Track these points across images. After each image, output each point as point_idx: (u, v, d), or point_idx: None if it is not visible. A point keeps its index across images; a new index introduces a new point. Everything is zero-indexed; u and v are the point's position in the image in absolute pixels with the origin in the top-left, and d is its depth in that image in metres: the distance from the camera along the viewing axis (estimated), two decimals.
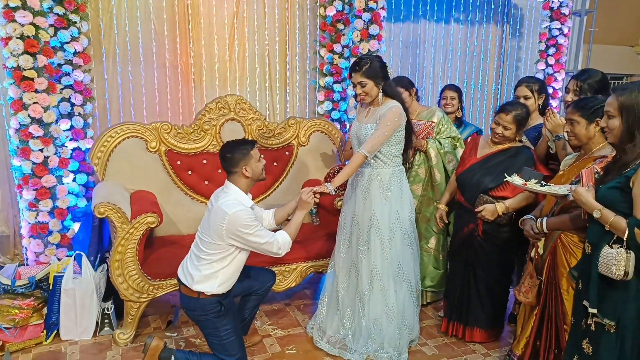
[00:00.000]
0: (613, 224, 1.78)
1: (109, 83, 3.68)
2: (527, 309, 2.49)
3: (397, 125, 2.58)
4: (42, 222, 3.21)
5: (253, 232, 2.29)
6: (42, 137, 3.12)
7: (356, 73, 2.57)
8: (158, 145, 3.23)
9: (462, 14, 4.73)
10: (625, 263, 1.74)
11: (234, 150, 2.36)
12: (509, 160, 2.69)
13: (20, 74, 3.00)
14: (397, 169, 2.69)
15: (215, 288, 2.33)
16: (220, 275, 2.34)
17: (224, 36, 3.93)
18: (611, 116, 1.85)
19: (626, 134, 1.81)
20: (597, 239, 1.87)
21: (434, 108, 3.31)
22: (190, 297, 2.36)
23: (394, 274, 2.70)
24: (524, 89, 2.98)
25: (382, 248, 2.66)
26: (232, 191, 2.37)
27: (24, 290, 2.89)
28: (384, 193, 2.66)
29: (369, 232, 2.67)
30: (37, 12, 3.00)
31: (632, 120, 1.79)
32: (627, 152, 1.82)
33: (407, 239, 2.73)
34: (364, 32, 3.91)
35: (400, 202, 2.70)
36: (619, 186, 1.81)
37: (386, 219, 2.66)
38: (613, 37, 6.11)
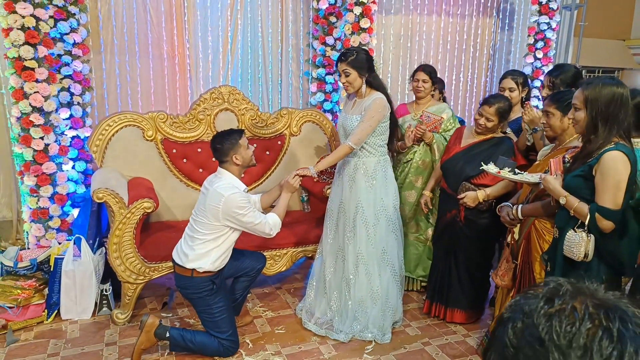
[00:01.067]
0: (577, 209, 1.92)
1: (107, 73, 3.78)
2: (504, 291, 2.62)
3: (382, 117, 2.69)
4: (43, 208, 3.34)
5: (247, 214, 2.44)
6: (42, 126, 3.23)
7: (342, 62, 2.68)
8: (154, 134, 3.35)
9: (453, 7, 4.81)
10: (586, 245, 1.88)
11: (224, 141, 2.50)
12: (490, 149, 2.81)
13: (21, 64, 3.11)
14: (382, 158, 2.81)
15: (208, 265, 2.48)
16: (213, 253, 2.49)
17: (218, 28, 4.03)
18: (577, 108, 1.96)
19: (590, 125, 1.92)
20: (563, 224, 2.01)
21: (444, 105, 3.40)
22: (184, 276, 2.51)
23: (378, 259, 2.82)
24: (510, 81, 3.09)
25: (367, 234, 2.79)
26: (225, 176, 2.51)
27: (26, 272, 3.02)
28: (369, 182, 2.78)
29: (354, 219, 2.79)
30: (37, 3, 3.10)
31: (595, 112, 1.89)
32: (591, 142, 1.93)
33: (392, 226, 2.86)
34: (355, 25, 4.01)
35: (385, 190, 2.82)
36: (582, 174, 1.94)
37: (371, 206, 2.78)
38: (604, 31, 6.18)
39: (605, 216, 1.85)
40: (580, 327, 0.57)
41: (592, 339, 0.56)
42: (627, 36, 6.54)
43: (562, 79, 2.77)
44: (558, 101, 2.33)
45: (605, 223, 1.85)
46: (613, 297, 0.61)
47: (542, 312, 0.60)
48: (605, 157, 1.85)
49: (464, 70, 5.00)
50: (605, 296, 0.61)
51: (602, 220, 1.85)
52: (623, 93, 1.87)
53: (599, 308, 0.59)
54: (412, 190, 3.32)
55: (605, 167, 1.85)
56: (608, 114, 1.87)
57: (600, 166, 1.87)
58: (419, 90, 3.30)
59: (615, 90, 1.87)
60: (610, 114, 1.87)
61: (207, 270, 2.49)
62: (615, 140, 1.88)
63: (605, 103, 1.87)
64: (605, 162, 1.85)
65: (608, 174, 1.84)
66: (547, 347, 0.57)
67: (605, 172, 1.85)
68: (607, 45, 6.31)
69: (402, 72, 4.79)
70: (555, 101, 2.35)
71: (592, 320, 0.57)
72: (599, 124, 1.89)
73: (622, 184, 1.85)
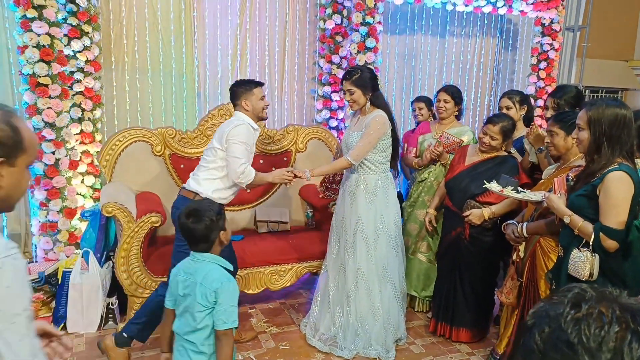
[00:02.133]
0: (581, 228, 1.94)
1: (117, 90, 3.86)
2: (509, 309, 2.63)
3: (381, 134, 2.73)
4: (52, 221, 3.38)
5: (237, 143, 2.53)
6: (54, 140, 3.29)
7: (346, 81, 2.74)
8: (163, 149, 3.40)
9: (457, 27, 4.90)
10: (590, 265, 1.89)
11: (239, 85, 2.67)
12: (495, 168, 2.84)
13: (35, 81, 3.18)
14: (382, 175, 2.84)
15: (210, 192, 2.56)
16: (217, 182, 2.60)
17: (227, 47, 4.12)
18: (581, 129, 1.98)
19: (594, 145, 1.94)
20: (567, 243, 2.02)
21: (466, 128, 3.41)
22: (185, 197, 2.60)
23: (379, 276, 2.83)
24: (506, 100, 3.17)
25: (367, 250, 2.81)
26: (241, 116, 2.66)
27: (34, 285, 3.05)
28: (370, 198, 2.81)
29: (354, 235, 2.82)
30: (53, 23, 3.19)
31: (599, 133, 1.92)
32: (594, 162, 1.95)
33: (392, 242, 2.87)
34: (361, 45, 4.09)
35: (386, 207, 2.84)
36: (586, 194, 1.96)
37: (371, 222, 2.81)
38: (607, 52, 6.25)
39: (609, 236, 1.86)
40: (609, 330, 0.58)
41: (622, 341, 0.58)
42: (630, 57, 6.61)
43: (565, 100, 2.82)
44: (562, 121, 2.37)
45: (609, 242, 1.87)
46: (636, 302, 0.63)
47: (569, 317, 0.61)
48: (608, 177, 1.87)
49: (467, 89, 5.06)
50: (628, 301, 0.63)
51: (606, 240, 1.87)
52: (626, 114, 1.90)
53: (625, 312, 0.60)
54: (424, 209, 3.31)
55: (608, 187, 1.87)
56: (611, 134, 1.89)
57: (604, 186, 1.89)
58: (441, 110, 3.32)
59: (619, 111, 1.89)
60: (614, 135, 1.89)
61: (208, 196, 2.55)
62: (619, 160, 1.90)
63: (609, 124, 1.89)
64: (609, 182, 1.87)
65: (612, 193, 1.86)
66: (577, 351, 0.58)
67: (609, 192, 1.87)
68: (610, 66, 6.37)
69: (406, 90, 4.86)
70: (559, 121, 2.39)
71: (620, 323, 0.59)
72: (603, 145, 1.91)
73: (626, 204, 1.86)
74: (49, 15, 3.16)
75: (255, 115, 2.68)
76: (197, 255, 1.90)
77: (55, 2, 3.22)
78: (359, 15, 4.06)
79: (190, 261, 1.91)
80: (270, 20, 4.22)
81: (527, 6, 4.57)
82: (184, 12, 3.94)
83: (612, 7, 6.03)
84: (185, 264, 1.93)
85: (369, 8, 4.05)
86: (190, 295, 1.85)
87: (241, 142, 2.54)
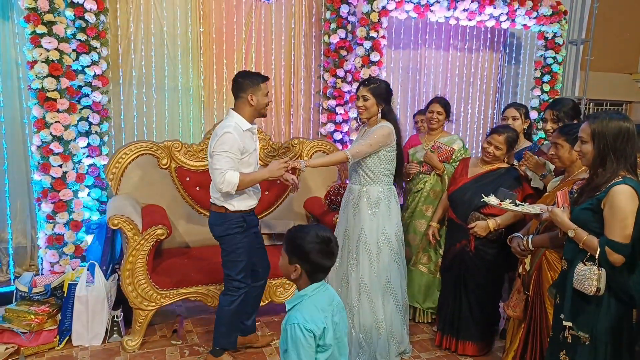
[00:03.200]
0: (586, 242, 1.92)
1: (124, 104, 3.91)
2: (516, 323, 2.61)
3: (384, 142, 2.75)
4: (58, 234, 3.40)
5: (218, 154, 2.49)
6: (61, 154, 3.32)
7: (364, 87, 2.78)
8: (169, 162, 3.43)
9: (461, 41, 4.94)
10: (597, 279, 1.86)
11: (247, 76, 2.62)
12: (498, 179, 2.85)
13: (44, 95, 3.23)
14: (386, 187, 2.85)
15: (235, 205, 2.60)
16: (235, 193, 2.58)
17: (232, 61, 4.17)
18: (584, 141, 1.98)
19: (598, 158, 1.94)
20: (572, 256, 2.01)
21: (455, 136, 3.48)
22: (219, 212, 2.62)
23: (381, 288, 2.82)
24: (513, 110, 3.19)
25: (370, 262, 2.81)
26: (232, 116, 2.62)
27: (40, 297, 3.06)
28: (372, 210, 2.82)
29: (357, 246, 2.83)
30: (62, 38, 3.24)
31: (603, 146, 1.91)
32: (598, 175, 1.95)
33: (394, 255, 2.87)
34: (365, 59, 4.13)
35: (388, 219, 2.85)
36: (591, 207, 1.95)
37: (374, 234, 2.81)
38: (611, 65, 6.28)
39: (615, 250, 1.85)
40: None
41: None
42: (634, 70, 6.63)
43: (565, 112, 2.87)
44: (567, 133, 2.37)
45: (615, 257, 1.86)
46: None
47: None
48: (613, 190, 1.86)
49: (471, 102, 5.08)
50: None
51: (612, 254, 1.85)
52: (629, 127, 1.90)
53: None
54: (423, 219, 3.35)
55: (613, 201, 1.86)
56: (616, 147, 1.89)
57: (609, 200, 1.88)
58: (433, 121, 3.39)
59: (622, 124, 1.90)
60: (618, 148, 1.89)
61: (237, 209, 2.61)
62: (623, 174, 1.90)
63: (613, 137, 1.89)
64: (614, 195, 1.86)
65: (617, 207, 1.85)
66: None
67: (614, 206, 1.86)
68: (614, 79, 6.39)
69: (410, 104, 4.89)
70: (564, 133, 2.39)
71: None
72: (608, 158, 1.91)
73: (631, 218, 1.85)
74: (59, 31, 3.22)
75: (257, 112, 2.65)
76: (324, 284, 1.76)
77: (64, 18, 3.28)
78: (363, 29, 4.11)
79: (323, 292, 1.73)
80: (276, 34, 4.27)
81: (530, 20, 4.61)
82: (191, 28, 4.00)
83: (615, 21, 6.07)
84: (323, 300, 1.71)
85: (373, 23, 4.09)
86: (339, 323, 1.73)
87: (222, 152, 2.49)
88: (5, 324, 2.90)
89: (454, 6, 4.26)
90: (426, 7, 4.23)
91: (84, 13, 3.35)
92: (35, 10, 3.15)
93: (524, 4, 4.47)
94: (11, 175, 3.68)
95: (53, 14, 3.19)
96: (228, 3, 4.08)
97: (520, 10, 4.48)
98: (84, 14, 3.35)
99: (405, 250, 3.43)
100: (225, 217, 2.61)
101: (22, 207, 3.80)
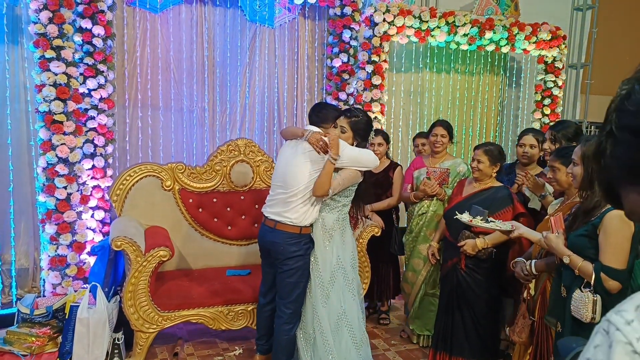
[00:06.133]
0: (581, 268, 1.91)
1: (129, 126, 3.96)
2: (522, 348, 2.58)
3: (354, 181, 2.69)
4: (61, 255, 3.41)
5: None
6: (66, 175, 3.36)
7: (345, 118, 2.71)
8: (173, 184, 3.46)
9: (462, 65, 5.01)
10: (592, 306, 1.85)
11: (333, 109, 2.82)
12: (489, 198, 2.88)
13: (51, 118, 3.28)
14: (341, 216, 2.76)
15: (311, 219, 2.66)
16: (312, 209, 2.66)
17: (236, 84, 4.24)
18: (575, 164, 2.02)
19: (586, 181, 1.95)
20: (570, 283, 2.00)
21: (459, 160, 3.49)
22: (293, 233, 2.64)
23: (333, 324, 2.70)
24: (532, 138, 3.15)
25: (323, 294, 2.70)
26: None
27: (41, 319, 3.05)
28: (326, 238, 2.72)
29: (311, 276, 2.73)
30: (70, 62, 3.31)
31: (591, 169, 1.90)
32: (587, 198, 1.96)
33: (349, 285, 2.76)
34: (367, 82, 4.19)
35: (343, 247, 2.75)
36: (586, 234, 1.95)
37: (327, 264, 2.71)
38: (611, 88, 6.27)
39: (610, 276, 1.84)
40: None
41: None
42: None
43: (563, 134, 2.88)
44: (563, 156, 2.38)
45: (611, 283, 1.84)
46: None
47: None
48: (608, 215, 1.86)
49: (472, 125, 5.12)
50: None
51: (608, 280, 1.84)
52: None
53: None
54: (427, 243, 3.32)
55: (608, 227, 1.86)
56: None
57: (603, 226, 1.88)
58: (437, 144, 3.38)
59: None
60: None
61: (310, 224, 2.65)
62: None
63: None
64: (608, 221, 1.86)
65: (611, 233, 1.85)
66: None
67: (609, 232, 1.86)
68: None
69: (412, 126, 4.93)
70: (560, 156, 2.40)
71: None
72: (595, 182, 1.91)
73: (626, 243, 1.85)
74: (67, 56, 3.29)
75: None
76: None
77: (72, 43, 3.36)
78: (365, 54, 4.18)
79: None
80: (279, 58, 4.35)
81: (529, 45, 4.68)
82: (196, 52, 4.08)
83: (615, 44, 6.14)
84: None
85: (375, 47, 4.17)
86: None
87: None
88: (6, 346, 2.89)
89: (454, 31, 4.34)
90: (427, 32, 4.31)
91: (91, 38, 3.43)
92: (44, 36, 3.23)
93: (524, 29, 4.55)
94: (16, 197, 3.71)
95: (62, 39, 3.27)
96: (232, 28, 4.18)
97: (520, 35, 4.55)
98: (92, 39, 3.43)
99: (409, 275, 3.43)
100: (300, 237, 2.64)
101: (26, 229, 3.82)
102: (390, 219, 3.63)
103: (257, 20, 4.22)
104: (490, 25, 4.43)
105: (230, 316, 3.11)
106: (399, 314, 3.98)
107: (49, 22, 3.22)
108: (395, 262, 3.84)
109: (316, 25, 4.41)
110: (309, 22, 4.39)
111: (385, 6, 4.16)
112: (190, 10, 4.03)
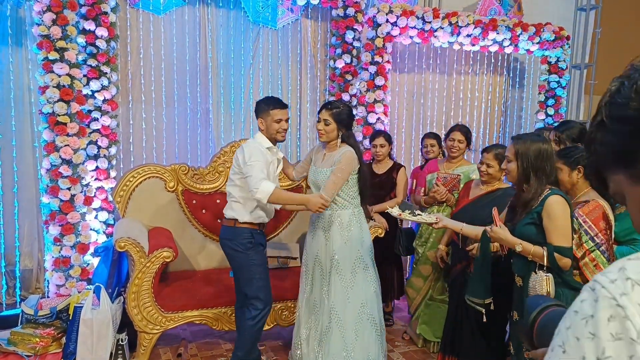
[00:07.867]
0: (534, 253, 2.09)
1: (133, 127, 3.97)
2: None
3: (351, 169, 2.73)
4: (65, 256, 3.42)
5: (252, 163, 2.57)
6: (70, 177, 3.37)
7: (327, 110, 2.74)
8: (176, 185, 3.46)
9: (465, 66, 5.00)
10: (547, 283, 2.02)
11: (262, 103, 2.75)
12: (496, 200, 2.85)
13: (54, 119, 3.29)
14: (356, 210, 2.82)
15: (247, 216, 2.66)
16: (249, 203, 2.66)
17: (239, 85, 4.24)
18: (510, 160, 2.20)
19: (522, 176, 2.16)
20: (525, 271, 2.15)
21: (474, 166, 3.39)
22: (228, 226, 2.70)
23: (355, 316, 2.74)
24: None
25: (344, 288, 2.73)
26: (257, 136, 2.74)
27: (45, 320, 3.06)
28: (345, 234, 2.76)
29: (330, 273, 2.76)
30: (73, 64, 3.32)
31: (526, 164, 2.14)
32: (524, 191, 2.16)
33: (370, 278, 2.82)
34: (370, 83, 4.19)
35: (361, 241, 2.80)
36: (532, 222, 2.13)
37: (347, 259, 2.75)
38: None
39: (563, 254, 2.03)
40: None
41: None
42: None
43: (567, 135, 2.86)
44: (565, 157, 2.39)
45: (565, 261, 2.03)
46: None
47: None
48: (549, 201, 2.07)
49: (476, 126, 5.11)
50: None
51: (562, 259, 2.03)
52: (547, 148, 2.15)
53: None
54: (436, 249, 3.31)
55: (551, 211, 2.06)
56: (537, 166, 2.12)
57: (546, 211, 2.07)
58: (454, 149, 3.34)
59: (541, 146, 2.14)
60: (539, 167, 2.12)
61: (247, 221, 2.65)
62: (548, 187, 2.11)
63: (534, 156, 2.13)
64: (551, 205, 2.06)
65: (555, 215, 2.05)
66: None
67: (553, 215, 2.05)
68: None
69: (415, 127, 4.92)
70: (562, 157, 2.41)
71: None
72: (530, 175, 2.14)
73: (569, 223, 2.07)
74: (70, 57, 3.30)
75: (269, 136, 2.72)
76: None
77: (76, 44, 3.37)
78: (368, 54, 4.18)
79: None
80: (282, 59, 4.35)
81: (533, 45, 4.66)
82: (199, 53, 4.09)
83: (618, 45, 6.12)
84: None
85: (378, 48, 4.16)
86: None
87: (255, 161, 2.58)
88: (10, 347, 2.90)
89: (458, 32, 4.34)
90: (430, 33, 4.31)
91: (95, 40, 3.44)
92: (48, 37, 3.24)
93: (527, 29, 4.53)
94: (20, 198, 3.73)
95: (65, 40, 3.28)
96: (235, 30, 4.18)
97: (523, 35, 4.54)
98: (95, 40, 3.44)
99: (415, 281, 3.42)
100: (234, 231, 2.66)
101: (29, 231, 3.83)
102: (395, 220, 3.63)
103: (260, 22, 4.23)
104: (493, 25, 4.42)
105: (233, 317, 3.11)
106: (402, 315, 3.97)
107: (52, 24, 3.23)
108: (399, 264, 3.84)
109: (319, 26, 4.41)
110: (312, 23, 4.39)
111: (388, 7, 4.16)
112: (194, 12, 4.04)
